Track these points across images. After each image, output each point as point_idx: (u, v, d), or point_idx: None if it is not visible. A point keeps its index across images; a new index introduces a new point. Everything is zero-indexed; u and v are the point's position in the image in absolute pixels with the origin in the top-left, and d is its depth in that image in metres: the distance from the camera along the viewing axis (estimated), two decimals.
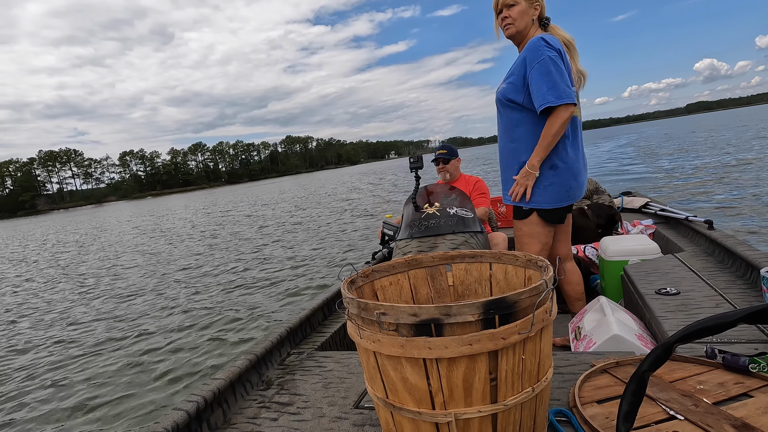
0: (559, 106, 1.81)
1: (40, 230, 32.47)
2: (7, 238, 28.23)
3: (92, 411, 3.31)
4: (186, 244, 11.87)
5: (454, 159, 3.14)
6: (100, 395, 3.53)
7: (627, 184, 11.31)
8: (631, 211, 3.95)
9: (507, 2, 1.94)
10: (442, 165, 3.14)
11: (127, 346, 4.59)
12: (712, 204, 7.73)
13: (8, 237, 29.71)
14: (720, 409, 1.07)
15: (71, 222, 39.74)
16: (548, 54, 1.81)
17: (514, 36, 2.00)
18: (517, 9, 1.93)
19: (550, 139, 1.85)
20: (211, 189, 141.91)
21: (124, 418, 3.14)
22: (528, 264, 1.21)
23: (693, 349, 1.43)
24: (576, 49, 2.02)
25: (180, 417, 1.30)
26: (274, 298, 5.57)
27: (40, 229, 33.49)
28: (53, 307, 6.91)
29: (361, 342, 1.01)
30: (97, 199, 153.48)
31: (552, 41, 1.86)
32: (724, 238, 2.31)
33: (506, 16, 1.96)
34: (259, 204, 25.30)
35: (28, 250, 17.57)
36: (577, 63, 2.01)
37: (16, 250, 17.93)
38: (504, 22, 1.98)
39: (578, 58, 2.02)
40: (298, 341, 2.02)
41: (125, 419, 3.11)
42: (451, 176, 3.17)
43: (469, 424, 0.95)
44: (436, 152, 3.18)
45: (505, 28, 1.99)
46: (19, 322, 6.23)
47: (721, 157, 15.40)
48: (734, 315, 0.68)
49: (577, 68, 2.01)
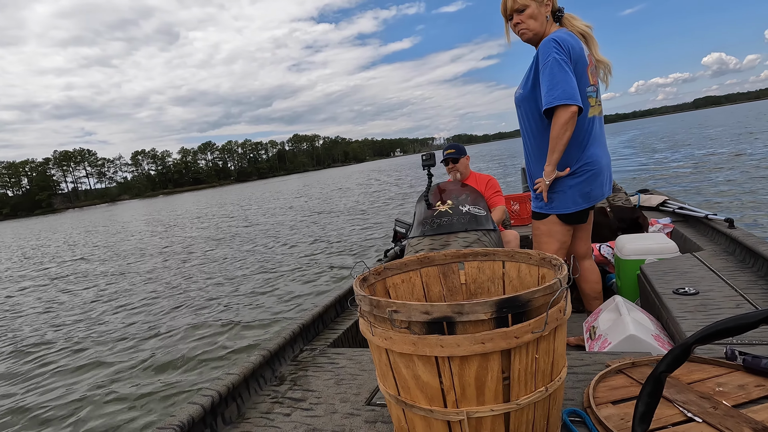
0: (558, 108, 1.77)
1: (77, 224, 33.24)
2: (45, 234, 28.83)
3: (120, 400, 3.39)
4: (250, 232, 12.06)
5: (463, 157, 3.11)
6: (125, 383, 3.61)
7: (624, 176, 11.35)
8: (648, 210, 3.88)
9: (516, 7, 1.88)
10: (452, 164, 3.11)
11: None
12: (731, 201, 7.55)
13: (46, 232, 30.42)
14: (740, 411, 1.05)
15: (98, 218, 40.49)
16: (554, 56, 1.77)
17: (531, 40, 1.95)
18: (528, 12, 1.87)
19: (554, 143, 1.82)
20: (221, 187, 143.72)
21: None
22: (542, 262, 1.19)
23: (712, 350, 1.40)
24: (594, 39, 1.95)
25: (195, 411, 1.32)
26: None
27: (75, 224, 34.31)
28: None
29: (373, 339, 1.01)
30: (111, 198, 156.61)
31: (563, 41, 1.80)
32: (745, 236, 2.25)
33: (518, 21, 1.90)
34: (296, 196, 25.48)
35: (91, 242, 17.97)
36: (596, 52, 1.94)
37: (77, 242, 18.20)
38: (518, 28, 1.92)
39: (597, 47, 1.95)
40: (311, 338, 2.03)
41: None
42: (462, 175, 3.14)
43: (482, 422, 0.94)
44: (444, 152, 3.16)
45: (521, 34, 1.94)
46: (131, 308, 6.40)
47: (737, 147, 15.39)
48: (756, 316, 0.67)
49: (597, 58, 1.94)
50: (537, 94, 1.89)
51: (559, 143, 1.81)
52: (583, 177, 1.92)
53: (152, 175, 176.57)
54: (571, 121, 1.77)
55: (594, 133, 1.94)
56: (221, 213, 22.09)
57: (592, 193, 1.95)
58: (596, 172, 1.93)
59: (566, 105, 1.75)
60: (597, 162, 1.93)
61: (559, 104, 1.76)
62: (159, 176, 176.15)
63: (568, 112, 1.76)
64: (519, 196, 4.53)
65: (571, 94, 1.76)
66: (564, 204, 1.95)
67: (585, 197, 1.94)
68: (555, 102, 1.76)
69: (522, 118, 2.03)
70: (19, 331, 5.83)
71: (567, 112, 1.76)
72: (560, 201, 1.95)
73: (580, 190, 1.93)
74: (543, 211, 2.01)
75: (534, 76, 1.89)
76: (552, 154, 1.85)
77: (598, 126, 1.98)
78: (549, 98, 1.78)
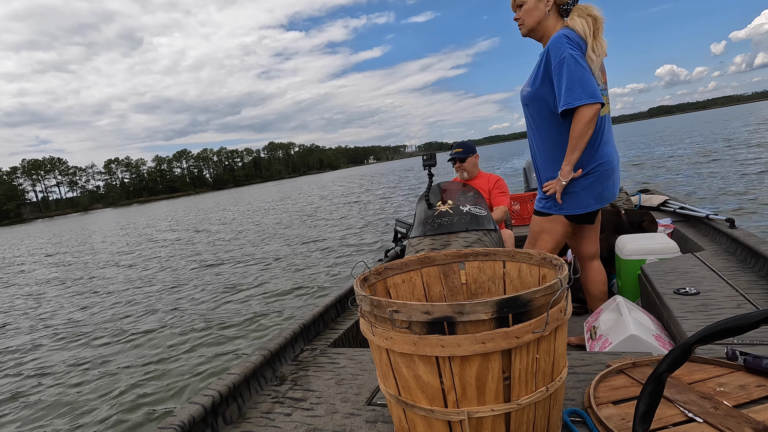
0: (580, 107, 1.74)
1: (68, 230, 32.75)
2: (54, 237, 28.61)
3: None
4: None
5: (471, 156, 3.10)
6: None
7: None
8: (649, 210, 3.88)
9: (518, 3, 1.92)
10: (459, 164, 3.11)
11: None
12: (732, 201, 7.54)
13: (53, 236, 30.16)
14: (741, 412, 1.05)
15: (77, 227, 40.15)
16: (569, 52, 1.74)
17: (527, 35, 1.96)
18: (526, 7, 1.90)
19: (575, 141, 1.79)
20: (197, 195, 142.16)
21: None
22: (542, 262, 1.19)
23: (713, 350, 1.40)
24: (602, 28, 1.83)
25: (196, 411, 1.32)
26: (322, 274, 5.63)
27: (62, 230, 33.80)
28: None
29: (373, 339, 1.01)
30: (84, 207, 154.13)
31: (573, 37, 1.77)
32: (746, 236, 2.25)
33: (517, 17, 1.94)
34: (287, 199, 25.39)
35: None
36: (604, 45, 1.83)
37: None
38: (517, 22, 1.96)
39: (604, 42, 1.83)
40: (312, 337, 2.03)
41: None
42: (469, 174, 3.13)
43: (482, 422, 0.94)
44: (452, 151, 3.15)
45: (520, 28, 1.96)
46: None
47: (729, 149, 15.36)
48: (756, 316, 0.67)
49: (603, 52, 1.86)
50: (546, 92, 1.87)
51: (581, 142, 1.78)
52: (596, 177, 1.89)
53: (126, 184, 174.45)
54: (593, 119, 1.75)
55: (606, 132, 1.92)
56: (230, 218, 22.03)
57: (605, 194, 1.93)
58: (609, 172, 1.91)
59: (590, 104, 1.72)
60: (609, 161, 1.91)
61: (580, 104, 1.73)
62: (133, 184, 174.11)
63: (592, 110, 1.73)
64: (520, 196, 4.53)
65: (593, 91, 1.72)
66: (576, 205, 1.93)
67: (597, 198, 1.92)
68: (577, 102, 1.73)
69: (530, 117, 2.00)
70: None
71: (591, 110, 1.73)
72: (572, 202, 1.93)
73: (593, 191, 1.91)
74: (551, 211, 1.99)
75: (544, 74, 1.85)
76: (572, 152, 1.81)
77: (608, 125, 1.96)
78: (569, 98, 1.74)
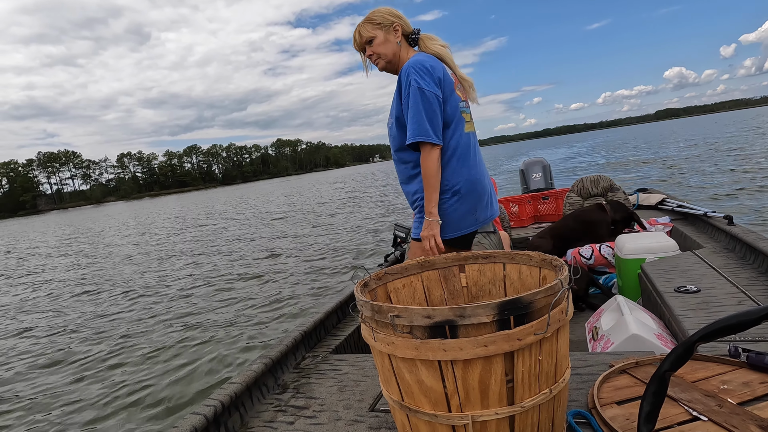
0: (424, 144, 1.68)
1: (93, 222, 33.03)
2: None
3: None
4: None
5: None
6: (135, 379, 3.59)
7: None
8: (647, 208, 3.89)
9: (365, 40, 1.83)
10: None
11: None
12: (730, 199, 7.56)
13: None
14: (745, 409, 1.05)
15: (98, 217, 40.29)
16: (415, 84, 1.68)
17: (386, 68, 1.89)
18: (376, 42, 1.82)
19: (430, 181, 1.70)
20: (206, 190, 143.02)
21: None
22: (543, 264, 1.19)
23: (715, 348, 1.39)
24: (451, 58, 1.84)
25: (198, 421, 1.31)
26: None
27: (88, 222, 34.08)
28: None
29: (375, 345, 1.01)
30: (97, 200, 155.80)
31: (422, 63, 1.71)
32: (744, 233, 2.26)
33: (371, 53, 1.85)
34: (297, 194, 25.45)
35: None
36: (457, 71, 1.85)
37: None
38: (372, 59, 1.87)
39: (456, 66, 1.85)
40: (313, 345, 2.03)
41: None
42: None
43: (486, 426, 0.94)
44: None
45: (376, 64, 1.88)
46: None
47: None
48: (758, 312, 0.67)
49: (459, 75, 1.85)
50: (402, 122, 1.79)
51: (435, 180, 1.70)
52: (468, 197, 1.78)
53: (138, 177, 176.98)
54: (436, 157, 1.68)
55: (474, 150, 1.84)
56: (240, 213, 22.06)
57: (478, 215, 1.82)
58: (481, 192, 1.81)
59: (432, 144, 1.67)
60: (480, 180, 1.81)
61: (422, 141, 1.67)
62: (144, 178, 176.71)
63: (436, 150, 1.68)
64: (518, 198, 4.54)
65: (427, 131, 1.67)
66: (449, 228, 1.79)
67: (471, 220, 1.81)
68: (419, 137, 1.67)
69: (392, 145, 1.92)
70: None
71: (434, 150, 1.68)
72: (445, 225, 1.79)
73: (465, 211, 1.78)
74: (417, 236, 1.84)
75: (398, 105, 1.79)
76: (432, 193, 1.71)
77: (475, 142, 1.88)
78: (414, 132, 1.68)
